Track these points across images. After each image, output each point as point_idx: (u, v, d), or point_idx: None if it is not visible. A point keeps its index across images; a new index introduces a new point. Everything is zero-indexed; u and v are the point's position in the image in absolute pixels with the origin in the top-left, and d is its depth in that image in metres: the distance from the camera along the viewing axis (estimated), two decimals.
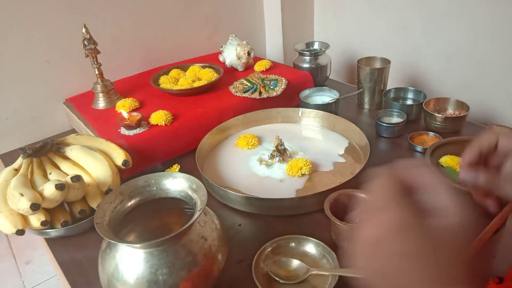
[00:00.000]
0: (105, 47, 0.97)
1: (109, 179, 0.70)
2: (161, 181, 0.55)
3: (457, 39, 1.05)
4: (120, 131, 0.85)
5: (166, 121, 0.86)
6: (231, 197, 0.71)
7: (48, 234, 0.67)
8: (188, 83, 1.02)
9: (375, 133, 0.92)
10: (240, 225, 0.69)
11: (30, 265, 1.39)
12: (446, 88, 1.12)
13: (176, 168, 0.84)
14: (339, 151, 0.85)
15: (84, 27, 0.88)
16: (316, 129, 0.94)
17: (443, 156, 0.77)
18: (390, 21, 1.19)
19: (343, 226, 0.58)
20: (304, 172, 0.77)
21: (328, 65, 1.16)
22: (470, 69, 1.05)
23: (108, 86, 0.96)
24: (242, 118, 0.94)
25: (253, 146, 0.88)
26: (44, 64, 1.00)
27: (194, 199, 0.52)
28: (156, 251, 0.47)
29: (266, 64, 1.12)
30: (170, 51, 1.22)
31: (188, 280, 0.47)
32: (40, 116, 1.03)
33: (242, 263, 0.60)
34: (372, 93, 1.02)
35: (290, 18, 1.35)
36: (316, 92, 1.05)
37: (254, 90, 0.99)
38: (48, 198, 0.62)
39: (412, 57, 1.17)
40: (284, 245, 0.61)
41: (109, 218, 0.50)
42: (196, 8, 1.23)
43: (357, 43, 1.32)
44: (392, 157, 0.83)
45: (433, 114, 0.88)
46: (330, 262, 0.58)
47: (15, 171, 0.69)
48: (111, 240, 0.45)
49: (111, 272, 0.48)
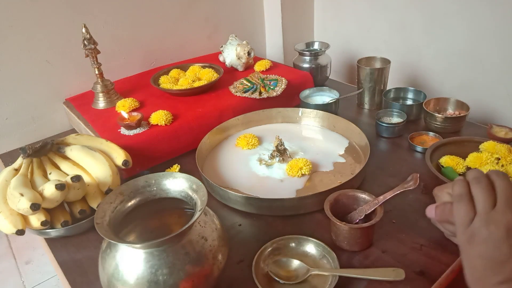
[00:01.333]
0: (105, 47, 0.97)
1: (109, 179, 0.70)
2: (161, 181, 0.55)
3: (457, 39, 1.05)
4: (120, 131, 0.85)
5: (166, 121, 0.86)
6: (231, 197, 0.71)
7: (48, 234, 0.67)
8: (188, 83, 1.02)
9: (375, 133, 0.92)
10: (240, 225, 0.69)
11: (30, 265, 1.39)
12: (446, 88, 1.12)
13: (176, 168, 0.84)
14: (339, 151, 0.85)
15: (84, 27, 0.88)
16: (316, 129, 0.94)
17: (443, 156, 0.77)
18: (390, 21, 1.19)
19: (343, 226, 0.58)
20: (304, 172, 0.77)
21: (328, 65, 1.16)
22: (470, 69, 1.05)
23: (108, 86, 0.96)
24: (242, 118, 0.94)
25: (253, 146, 0.88)
26: (44, 64, 1.00)
27: (194, 199, 0.52)
28: (156, 251, 0.47)
29: (266, 64, 1.12)
30: (170, 51, 1.22)
31: (188, 280, 0.47)
32: (40, 116, 1.03)
33: (242, 263, 0.60)
34: (372, 93, 1.02)
35: (290, 18, 1.35)
36: (316, 92, 1.05)
37: (254, 90, 0.99)
38: (48, 198, 0.62)
39: (412, 57, 1.17)
40: (284, 245, 0.61)
41: (109, 218, 0.50)
42: (196, 8, 1.23)
43: (357, 43, 1.32)
44: (392, 157, 0.83)
45: (433, 114, 0.88)
46: (330, 262, 0.58)
47: (15, 171, 0.69)
48: (111, 240, 0.45)
49: (111, 272, 0.48)
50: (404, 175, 0.69)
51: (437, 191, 0.57)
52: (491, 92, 1.03)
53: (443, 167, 0.75)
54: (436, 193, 0.57)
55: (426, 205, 0.57)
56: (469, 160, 0.74)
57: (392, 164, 0.81)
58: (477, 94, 1.05)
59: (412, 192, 0.71)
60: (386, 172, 0.78)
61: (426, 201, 0.69)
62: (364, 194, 0.63)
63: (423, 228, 0.63)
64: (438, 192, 0.56)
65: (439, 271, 0.56)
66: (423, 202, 0.69)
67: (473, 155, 0.74)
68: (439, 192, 0.56)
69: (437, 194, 0.56)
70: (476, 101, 1.04)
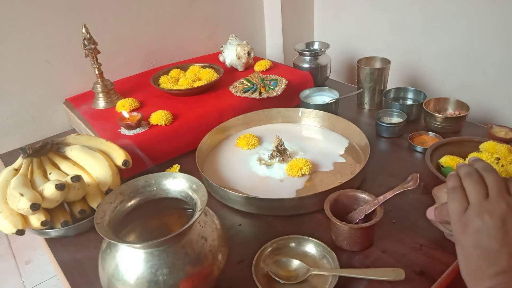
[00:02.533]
0: (105, 47, 0.97)
1: (109, 179, 0.70)
2: (161, 181, 0.55)
3: (457, 39, 1.05)
4: (120, 131, 0.85)
5: (166, 121, 0.86)
6: (231, 197, 0.71)
7: (48, 234, 0.67)
8: (188, 83, 1.02)
9: (375, 133, 0.92)
10: (240, 225, 0.69)
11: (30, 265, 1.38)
12: (446, 88, 1.12)
13: (176, 168, 0.84)
14: (339, 151, 0.85)
15: (84, 27, 0.88)
16: (316, 129, 0.94)
17: (443, 156, 0.76)
18: (390, 21, 1.19)
19: (343, 226, 0.58)
20: (304, 172, 0.77)
21: (328, 65, 1.16)
22: (470, 69, 1.05)
23: (108, 86, 0.96)
24: (242, 118, 0.94)
25: (253, 146, 0.88)
26: (44, 64, 1.00)
27: (194, 199, 0.52)
28: (156, 251, 0.47)
29: (266, 64, 1.12)
30: (170, 51, 1.22)
31: (188, 280, 0.47)
32: (40, 116, 1.03)
33: (242, 263, 0.60)
34: (372, 93, 1.02)
35: (290, 18, 1.35)
36: (316, 92, 1.05)
37: (254, 90, 0.99)
38: (48, 198, 0.62)
39: (412, 57, 1.17)
40: (284, 245, 0.61)
41: (109, 218, 0.50)
42: (196, 8, 1.23)
43: (357, 43, 1.32)
44: (392, 157, 0.83)
45: (433, 114, 0.88)
46: (330, 262, 0.58)
47: (15, 171, 0.69)
48: (111, 240, 0.45)
49: (111, 272, 0.48)
50: (404, 175, 0.69)
51: (436, 191, 0.57)
52: (491, 92, 1.03)
53: (443, 167, 0.75)
54: (435, 193, 0.57)
55: (426, 205, 0.57)
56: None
57: (392, 164, 0.81)
58: (477, 94, 1.05)
59: (412, 192, 0.71)
60: (386, 172, 0.78)
61: (426, 201, 0.69)
62: (364, 194, 0.63)
63: (423, 228, 0.63)
64: (437, 192, 0.56)
65: (439, 271, 0.56)
66: (423, 202, 0.69)
67: (473, 155, 0.74)
68: (438, 192, 0.56)
69: (436, 194, 0.56)
70: (476, 101, 1.04)
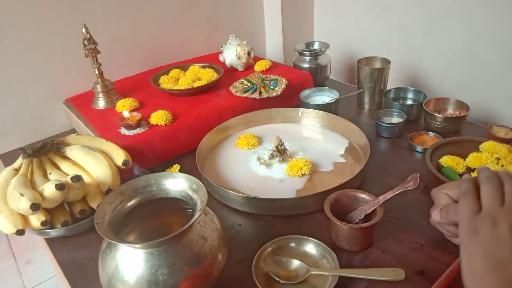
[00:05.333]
0: (105, 47, 0.97)
1: (109, 179, 0.70)
2: (161, 181, 0.55)
3: (457, 39, 1.05)
4: (120, 131, 0.85)
5: (166, 121, 0.86)
6: (231, 197, 0.71)
7: (48, 234, 0.67)
8: (188, 83, 1.02)
9: (375, 133, 0.92)
10: (240, 225, 0.69)
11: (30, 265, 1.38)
12: (446, 88, 1.12)
13: (176, 168, 0.84)
14: (339, 151, 0.85)
15: (84, 27, 0.88)
16: (316, 129, 0.94)
17: (443, 156, 0.76)
18: (390, 21, 1.19)
19: (343, 226, 0.58)
20: (304, 172, 0.77)
21: (328, 65, 1.16)
22: (470, 69, 1.05)
23: (108, 86, 0.96)
24: (242, 118, 0.94)
25: (253, 146, 0.88)
26: (44, 64, 1.00)
27: (194, 199, 0.52)
28: (156, 251, 0.47)
29: (266, 64, 1.12)
30: (170, 51, 1.22)
31: (188, 280, 0.47)
32: (40, 116, 1.03)
33: (242, 263, 0.60)
34: (372, 93, 1.02)
35: (290, 18, 1.35)
36: (316, 92, 1.05)
37: (254, 90, 0.99)
38: (48, 198, 0.62)
39: (412, 57, 1.17)
40: (284, 245, 0.61)
41: (109, 218, 0.50)
42: (196, 8, 1.23)
43: (357, 43, 1.32)
44: (392, 157, 0.83)
45: (433, 114, 0.88)
46: (330, 262, 0.58)
47: (15, 171, 0.69)
48: (111, 240, 0.45)
49: (111, 272, 0.48)
50: (404, 175, 0.69)
51: (434, 192, 0.56)
52: (491, 92, 1.03)
53: (443, 167, 0.75)
54: (433, 194, 0.57)
55: (426, 205, 0.57)
56: (469, 160, 0.74)
57: (392, 164, 0.81)
58: (477, 94, 1.05)
59: (412, 192, 0.71)
60: (386, 172, 0.78)
61: (426, 201, 0.69)
62: (364, 194, 0.63)
63: (423, 228, 0.63)
64: (435, 193, 0.56)
65: (439, 271, 0.56)
66: (423, 202, 0.69)
67: (473, 155, 0.74)
68: (436, 193, 0.56)
69: (435, 195, 0.56)
70: (476, 101, 1.04)
